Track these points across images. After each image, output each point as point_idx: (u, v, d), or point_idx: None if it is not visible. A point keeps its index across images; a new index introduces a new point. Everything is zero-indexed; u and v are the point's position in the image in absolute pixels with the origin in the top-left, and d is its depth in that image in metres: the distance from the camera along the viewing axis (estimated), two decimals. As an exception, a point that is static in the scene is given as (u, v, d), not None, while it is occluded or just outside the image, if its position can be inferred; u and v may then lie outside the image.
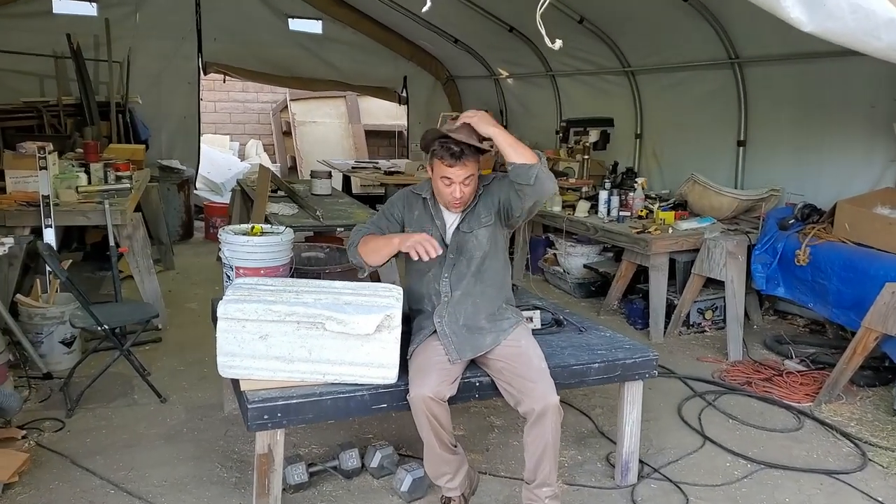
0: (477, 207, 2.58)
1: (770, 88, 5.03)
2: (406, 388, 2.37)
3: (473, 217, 2.58)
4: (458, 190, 2.47)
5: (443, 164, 2.45)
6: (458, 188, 2.47)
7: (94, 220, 4.25)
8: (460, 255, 2.56)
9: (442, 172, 2.47)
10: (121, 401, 3.51)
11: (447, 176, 2.46)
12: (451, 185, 2.47)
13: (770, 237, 4.39)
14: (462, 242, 2.56)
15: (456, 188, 2.47)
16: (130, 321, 3.39)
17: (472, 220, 2.57)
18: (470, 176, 2.48)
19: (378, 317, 2.25)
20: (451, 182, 2.47)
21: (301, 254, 3.85)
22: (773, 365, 4.17)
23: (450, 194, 2.49)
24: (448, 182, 2.47)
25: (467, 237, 2.56)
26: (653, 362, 2.80)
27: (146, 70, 7.68)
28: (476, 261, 2.56)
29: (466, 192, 2.50)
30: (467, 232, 2.57)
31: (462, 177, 2.46)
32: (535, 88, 7.79)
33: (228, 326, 2.28)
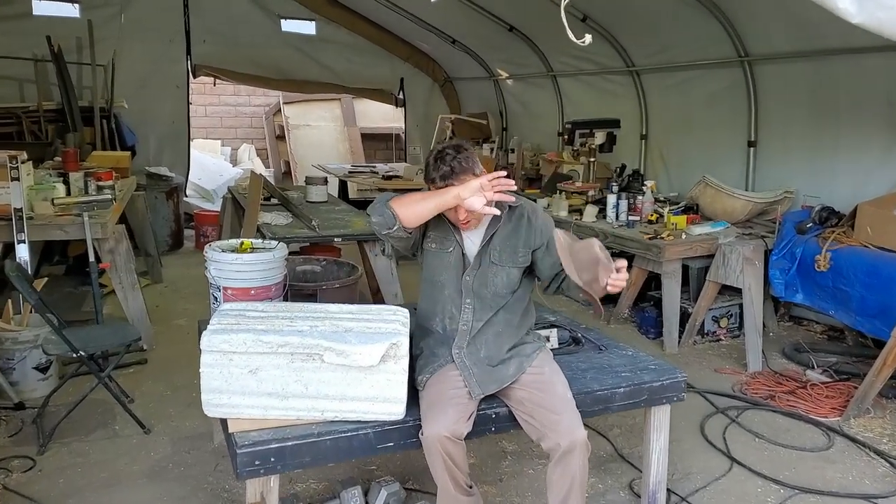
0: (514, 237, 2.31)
1: (781, 87, 4.81)
2: (416, 424, 2.13)
3: (508, 247, 2.31)
4: (463, 212, 2.20)
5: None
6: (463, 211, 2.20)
7: (72, 234, 3.99)
8: (483, 285, 2.30)
9: None
10: (100, 432, 3.25)
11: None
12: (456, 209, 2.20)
13: (788, 242, 4.17)
14: (487, 273, 2.30)
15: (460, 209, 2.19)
16: (110, 346, 3.14)
17: (504, 250, 2.30)
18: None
19: (383, 346, 2.01)
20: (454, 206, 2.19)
21: (296, 268, 3.63)
22: (795, 376, 3.96)
23: (457, 216, 2.23)
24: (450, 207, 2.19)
25: (496, 270, 2.30)
26: (681, 384, 2.57)
27: (132, 73, 7.41)
28: (504, 298, 2.32)
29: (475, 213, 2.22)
30: (496, 264, 2.30)
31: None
32: (535, 89, 7.56)
33: (214, 360, 2.04)
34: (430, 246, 2.34)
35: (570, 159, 6.07)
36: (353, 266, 3.54)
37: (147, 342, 4.25)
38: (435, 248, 2.34)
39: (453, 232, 2.31)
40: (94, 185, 4.57)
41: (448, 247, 2.32)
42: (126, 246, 4.27)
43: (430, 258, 2.35)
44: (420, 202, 2.15)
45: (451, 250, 2.31)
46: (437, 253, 2.33)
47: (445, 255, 2.32)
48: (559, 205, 5.21)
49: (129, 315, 4.25)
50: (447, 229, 2.32)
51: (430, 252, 2.34)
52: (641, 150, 6.15)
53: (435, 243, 2.34)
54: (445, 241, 2.33)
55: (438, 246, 2.33)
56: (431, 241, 2.34)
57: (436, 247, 2.33)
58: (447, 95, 9.10)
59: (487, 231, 2.31)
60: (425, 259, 2.37)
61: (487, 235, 2.30)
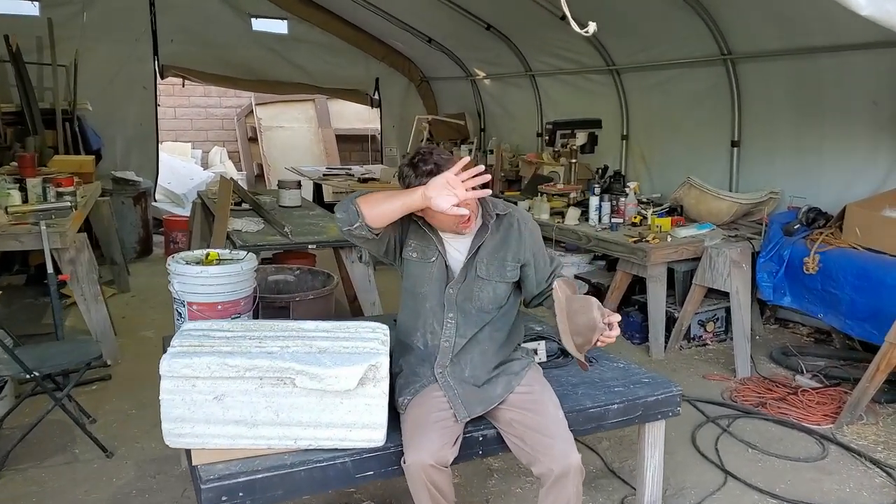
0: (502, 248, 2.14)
1: (765, 85, 4.73)
2: (397, 451, 1.97)
3: (496, 259, 2.13)
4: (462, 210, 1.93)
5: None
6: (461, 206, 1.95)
7: (28, 244, 3.75)
8: (468, 299, 2.14)
9: None
10: (58, 457, 3.03)
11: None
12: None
13: (775, 244, 4.09)
14: (472, 287, 2.13)
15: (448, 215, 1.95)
16: (67, 365, 2.92)
17: (491, 263, 2.13)
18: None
19: (360, 368, 1.85)
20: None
21: (268, 278, 3.44)
22: (784, 381, 3.87)
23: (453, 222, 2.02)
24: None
25: (482, 284, 2.13)
26: (676, 399, 2.45)
27: (97, 74, 7.14)
28: (490, 314, 2.16)
29: (472, 205, 2.02)
30: (483, 278, 2.13)
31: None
32: (514, 89, 7.43)
33: (175, 386, 1.86)
34: (410, 255, 2.17)
35: (551, 160, 5.94)
36: (328, 275, 3.37)
37: (111, 357, 4.03)
38: (416, 258, 2.16)
39: (435, 241, 2.14)
40: (54, 191, 4.33)
41: (430, 256, 2.15)
42: (88, 255, 4.04)
43: (410, 268, 2.18)
44: (386, 201, 1.94)
45: (433, 260, 2.14)
46: (418, 263, 2.16)
47: (427, 266, 2.15)
48: (540, 207, 5.07)
49: (92, 328, 4.03)
50: (428, 237, 2.15)
51: (411, 261, 2.17)
52: (622, 151, 6.05)
53: (416, 252, 2.17)
54: (427, 250, 2.16)
55: (420, 256, 2.16)
56: (412, 250, 2.17)
57: (417, 256, 2.16)
58: (424, 96, 8.94)
59: (475, 242, 2.14)
60: (406, 269, 2.20)
61: (475, 247, 2.14)
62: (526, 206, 5.28)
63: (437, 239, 2.14)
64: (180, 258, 2.58)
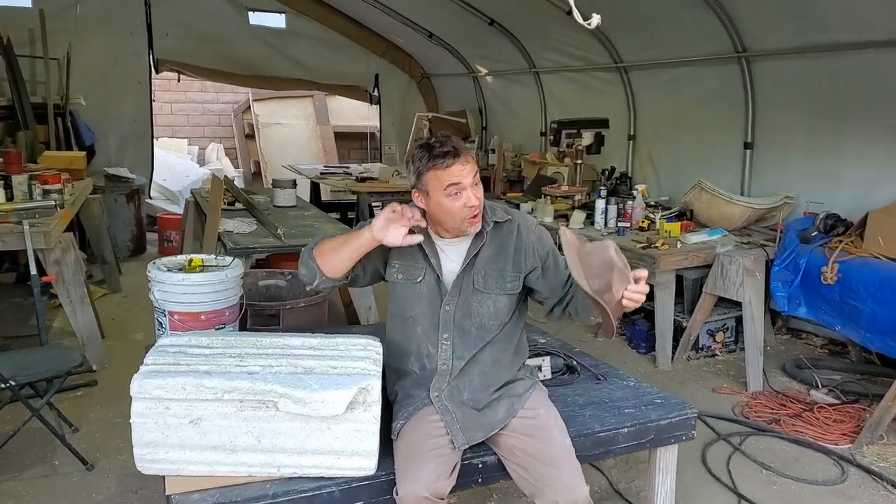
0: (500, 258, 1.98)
1: (781, 85, 4.55)
2: (389, 479, 1.81)
3: (494, 270, 1.97)
4: (471, 196, 1.86)
5: (442, 169, 1.85)
6: (471, 192, 1.87)
7: (11, 244, 3.59)
8: (467, 316, 1.97)
9: (445, 180, 1.85)
10: (37, 469, 2.88)
11: (454, 182, 1.84)
12: (461, 194, 1.86)
13: (791, 251, 3.91)
14: (471, 301, 1.97)
15: (469, 194, 1.86)
16: (44, 374, 2.75)
17: (489, 274, 1.97)
18: (477, 173, 1.91)
19: (349, 392, 1.68)
20: (460, 188, 1.85)
21: (258, 283, 3.27)
22: (799, 396, 3.70)
23: (463, 206, 1.86)
24: (456, 190, 1.85)
25: (481, 298, 1.96)
26: (691, 422, 2.28)
27: (90, 68, 6.97)
28: (491, 331, 1.98)
29: (480, 195, 1.90)
30: (482, 290, 1.96)
31: (470, 175, 1.87)
32: (517, 87, 7.25)
33: (147, 409, 1.69)
34: (395, 277, 2.01)
35: (555, 161, 5.77)
36: (321, 281, 3.19)
37: (97, 361, 3.86)
38: (402, 280, 2.00)
39: (424, 253, 1.97)
40: (40, 189, 4.16)
41: (416, 276, 1.98)
42: (74, 256, 3.88)
43: (397, 290, 2.03)
44: (337, 249, 1.92)
45: (419, 280, 1.98)
46: (404, 285, 2.00)
47: (414, 287, 1.98)
48: (544, 210, 4.91)
49: (78, 332, 3.87)
50: (413, 254, 1.99)
51: (397, 284, 2.01)
52: (629, 152, 5.87)
53: (401, 274, 2.01)
54: (413, 269, 1.99)
55: (405, 277, 2.00)
56: (396, 272, 2.01)
57: (402, 277, 2.00)
58: (424, 93, 8.76)
59: (470, 251, 1.97)
60: (392, 291, 2.04)
61: (470, 256, 1.97)
62: (528, 209, 5.11)
63: (430, 250, 1.97)
64: (161, 264, 2.41)
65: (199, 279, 2.29)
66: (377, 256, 2.00)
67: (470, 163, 1.88)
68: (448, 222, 1.93)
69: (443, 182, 1.85)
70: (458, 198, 1.87)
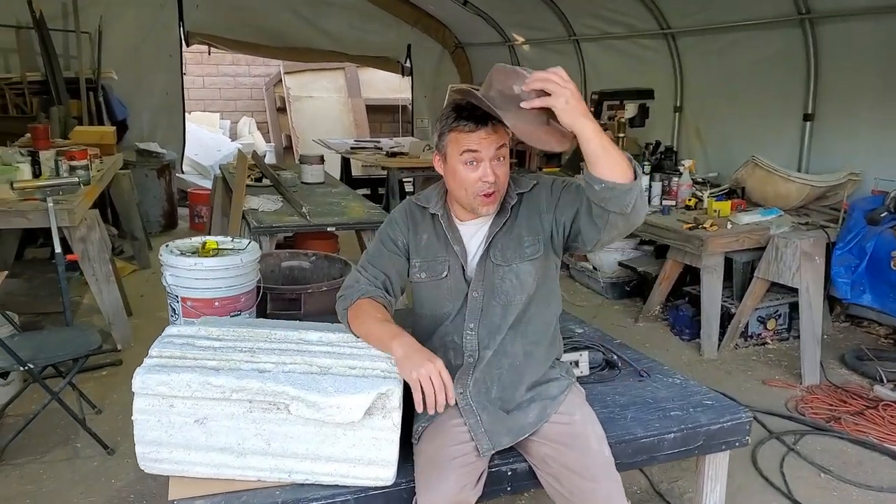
0: (515, 225, 1.79)
1: (848, 50, 4.16)
2: (409, 488, 1.65)
3: (510, 240, 1.77)
4: (489, 170, 1.66)
5: (463, 133, 1.65)
6: (490, 167, 1.66)
7: (36, 221, 3.51)
8: (491, 297, 1.77)
9: (463, 145, 1.65)
10: (59, 451, 2.82)
11: (471, 148, 1.65)
12: (479, 165, 1.66)
13: (856, 234, 3.61)
14: (493, 279, 1.77)
15: (487, 167, 1.66)
16: (62, 357, 2.67)
17: (507, 245, 1.77)
18: (502, 146, 1.68)
19: (367, 397, 1.52)
20: (477, 158, 1.65)
21: (281, 264, 3.13)
22: (860, 391, 3.42)
23: (478, 180, 1.67)
24: (473, 158, 1.66)
25: (502, 273, 1.76)
26: (745, 426, 2.05)
27: (122, 42, 6.91)
28: (516, 307, 1.77)
29: (501, 174, 1.69)
30: (501, 264, 1.77)
31: (492, 147, 1.66)
32: (555, 56, 6.92)
33: (149, 405, 1.56)
34: (418, 276, 1.82)
35: (595, 135, 5.48)
36: (345, 263, 3.04)
37: (123, 341, 3.81)
38: (426, 279, 1.81)
39: (446, 252, 1.80)
40: (66, 164, 4.08)
41: (440, 271, 1.79)
42: (100, 234, 3.80)
43: (422, 291, 1.84)
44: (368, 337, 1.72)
45: (444, 275, 1.79)
46: (428, 284, 1.81)
47: (441, 283, 1.79)
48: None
49: (104, 310, 3.82)
50: (434, 247, 1.81)
51: (421, 284, 1.83)
52: (675, 125, 5.55)
53: (424, 272, 1.81)
54: (436, 264, 1.80)
55: (429, 275, 1.80)
56: (419, 271, 1.82)
57: (426, 276, 1.81)
58: (458, 63, 8.47)
59: (492, 229, 1.78)
60: (416, 292, 1.86)
61: (491, 234, 1.78)
62: (568, 185, 4.86)
63: (453, 236, 1.79)
64: (174, 247, 2.27)
65: (213, 264, 2.15)
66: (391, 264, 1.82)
67: (497, 133, 1.66)
68: (460, 195, 1.73)
69: (461, 146, 1.66)
70: (475, 169, 1.67)
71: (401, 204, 1.92)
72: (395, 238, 1.84)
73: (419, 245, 1.82)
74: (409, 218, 1.85)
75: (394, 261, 1.82)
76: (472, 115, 1.65)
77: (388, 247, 1.83)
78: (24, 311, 4.28)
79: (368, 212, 4.09)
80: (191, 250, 2.27)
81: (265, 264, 3.04)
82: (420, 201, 1.86)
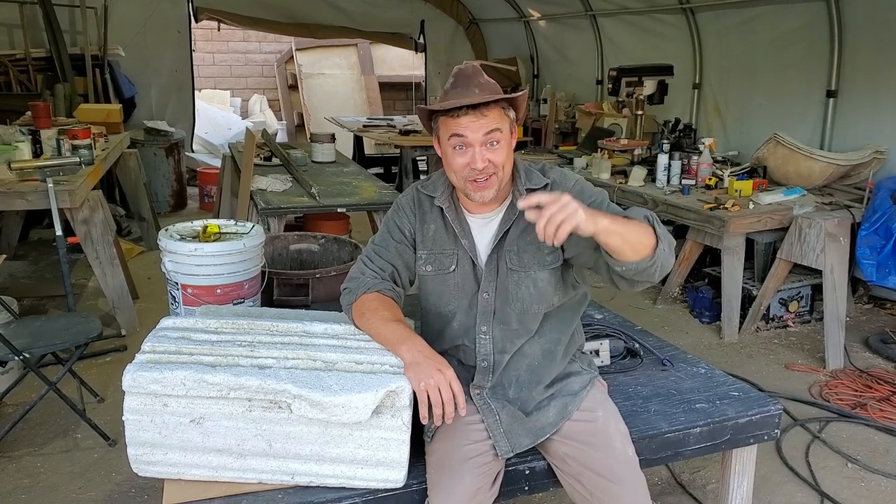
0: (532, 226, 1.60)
1: (875, 23, 3.99)
2: (421, 489, 1.56)
3: (527, 243, 1.62)
4: (477, 156, 1.52)
5: (451, 117, 1.52)
6: (479, 152, 1.52)
7: (35, 202, 3.43)
8: (505, 302, 1.64)
9: (450, 129, 1.53)
10: (58, 443, 2.75)
11: (457, 133, 1.52)
12: (467, 151, 1.53)
13: (882, 214, 3.47)
14: (506, 283, 1.63)
15: (475, 153, 1.52)
16: (60, 345, 2.59)
17: (523, 248, 1.62)
18: (494, 131, 1.53)
19: (374, 395, 1.42)
20: (464, 143, 1.52)
21: (289, 247, 3.04)
22: (886, 376, 3.31)
23: (465, 167, 1.53)
24: (460, 143, 1.53)
25: (517, 278, 1.62)
26: (775, 419, 1.95)
27: (129, 18, 6.79)
28: (535, 316, 1.65)
29: (495, 159, 1.54)
30: (517, 269, 1.63)
31: (481, 131, 1.51)
32: (572, 31, 6.73)
33: (142, 405, 1.47)
34: (424, 269, 1.69)
35: (612, 111, 5.33)
36: (355, 246, 2.94)
37: (128, 325, 3.74)
38: (432, 272, 1.68)
39: (454, 245, 1.66)
40: (68, 144, 3.99)
41: (447, 265, 1.66)
42: (103, 215, 3.72)
43: (427, 285, 1.71)
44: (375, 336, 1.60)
45: (452, 269, 1.66)
46: (435, 277, 1.68)
47: (447, 278, 1.67)
48: (600, 165, 4.51)
49: (108, 294, 3.75)
50: (441, 238, 1.67)
51: (427, 277, 1.70)
52: (694, 102, 5.37)
53: (430, 265, 1.68)
54: (443, 257, 1.67)
55: (435, 268, 1.68)
56: (425, 263, 1.69)
57: (432, 269, 1.68)
58: (472, 39, 8.27)
59: (502, 225, 1.63)
60: (422, 286, 1.73)
61: (502, 230, 1.63)
62: (583, 164, 4.73)
63: (461, 229, 1.65)
64: (174, 231, 2.17)
65: (214, 249, 2.05)
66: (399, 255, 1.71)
67: (487, 117, 1.51)
68: (453, 180, 1.61)
69: (448, 130, 1.54)
70: (463, 154, 1.53)
71: (408, 189, 1.79)
72: (402, 226, 1.71)
73: (426, 236, 1.70)
74: (416, 206, 1.72)
75: (401, 251, 1.70)
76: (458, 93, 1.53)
77: (394, 236, 1.71)
78: (28, 295, 4.23)
79: (380, 192, 3.98)
80: (191, 235, 2.17)
81: (272, 248, 2.95)
82: (427, 189, 1.72)
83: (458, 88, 1.54)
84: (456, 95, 1.53)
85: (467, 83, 1.54)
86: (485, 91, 1.53)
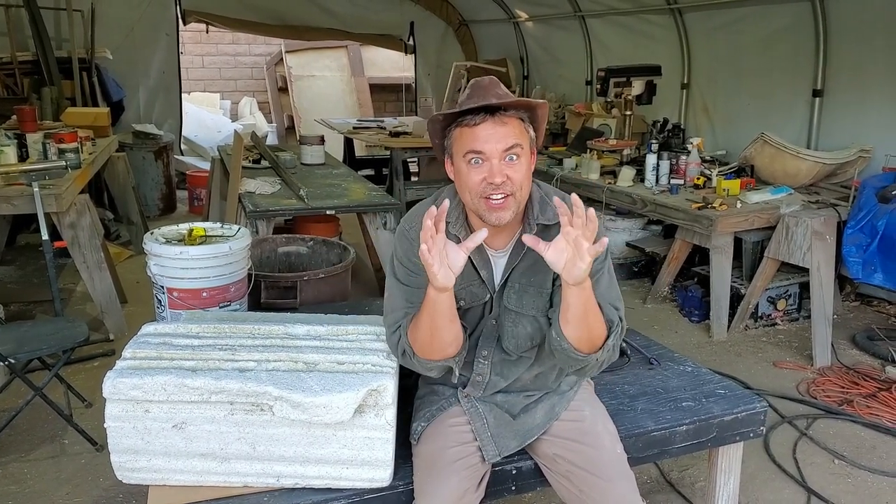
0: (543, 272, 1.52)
1: (859, 23, 4.02)
2: (407, 490, 1.56)
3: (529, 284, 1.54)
4: (495, 170, 1.39)
5: (468, 127, 1.41)
6: (497, 166, 1.39)
7: (21, 207, 3.41)
8: (510, 338, 1.58)
9: (466, 144, 1.41)
10: (46, 448, 2.74)
11: (474, 149, 1.39)
12: (483, 165, 1.40)
13: (867, 212, 3.48)
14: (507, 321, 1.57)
15: (493, 166, 1.39)
16: (46, 350, 2.57)
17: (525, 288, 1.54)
18: (515, 146, 1.40)
19: (356, 395, 1.42)
20: (482, 158, 1.40)
21: (278, 249, 3.03)
22: (872, 373, 3.33)
23: (481, 182, 1.40)
24: (477, 158, 1.40)
25: (517, 320, 1.56)
26: (760, 416, 1.97)
27: (116, 21, 6.75)
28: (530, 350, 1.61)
29: (514, 175, 1.40)
30: (517, 311, 1.55)
31: (500, 144, 1.39)
32: (561, 32, 6.75)
33: (123, 412, 1.47)
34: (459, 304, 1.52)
35: (601, 112, 5.34)
36: (344, 248, 2.94)
37: (116, 330, 3.72)
38: (464, 305, 1.56)
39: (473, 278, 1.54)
40: (55, 148, 3.97)
41: (482, 296, 1.57)
42: (90, 219, 3.70)
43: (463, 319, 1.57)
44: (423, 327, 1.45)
45: (485, 300, 1.57)
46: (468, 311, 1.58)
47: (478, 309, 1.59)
48: (589, 166, 4.52)
49: (96, 298, 3.72)
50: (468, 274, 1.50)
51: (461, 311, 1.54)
52: (682, 102, 5.40)
53: (464, 299, 1.55)
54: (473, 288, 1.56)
55: (469, 300, 1.56)
56: (459, 299, 1.53)
57: (465, 303, 1.56)
58: (462, 41, 8.28)
59: (510, 260, 1.54)
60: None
61: (510, 265, 1.54)
62: (573, 165, 4.75)
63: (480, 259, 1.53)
64: (159, 235, 2.17)
65: (200, 252, 2.04)
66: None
67: (507, 125, 1.40)
68: (466, 200, 1.47)
69: (465, 145, 1.42)
70: (479, 169, 1.41)
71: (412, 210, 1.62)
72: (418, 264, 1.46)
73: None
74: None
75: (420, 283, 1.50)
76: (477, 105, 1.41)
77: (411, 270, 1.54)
78: (15, 300, 4.20)
79: (370, 194, 3.98)
80: (177, 238, 2.16)
81: (260, 250, 2.94)
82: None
83: (475, 99, 1.41)
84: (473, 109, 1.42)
85: (484, 94, 1.41)
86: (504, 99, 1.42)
